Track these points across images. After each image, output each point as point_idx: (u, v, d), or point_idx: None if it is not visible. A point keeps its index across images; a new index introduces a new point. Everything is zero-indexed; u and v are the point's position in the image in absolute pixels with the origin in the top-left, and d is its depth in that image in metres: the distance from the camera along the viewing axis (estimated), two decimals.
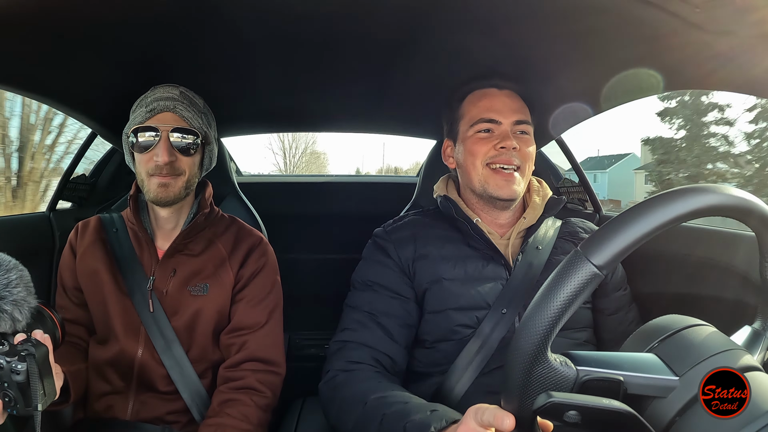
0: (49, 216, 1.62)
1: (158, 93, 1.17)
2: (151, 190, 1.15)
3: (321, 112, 1.85)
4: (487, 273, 1.10)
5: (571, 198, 1.79)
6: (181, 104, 1.16)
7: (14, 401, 0.81)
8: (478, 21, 1.06)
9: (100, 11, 0.97)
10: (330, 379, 1.04)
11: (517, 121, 1.14)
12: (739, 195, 0.57)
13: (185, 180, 1.18)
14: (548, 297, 0.53)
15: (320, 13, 1.04)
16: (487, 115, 1.15)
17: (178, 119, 1.15)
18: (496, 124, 1.14)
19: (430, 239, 1.16)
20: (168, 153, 1.13)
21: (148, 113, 1.14)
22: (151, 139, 1.13)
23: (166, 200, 1.16)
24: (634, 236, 0.53)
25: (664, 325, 0.62)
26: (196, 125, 1.17)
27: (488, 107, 1.16)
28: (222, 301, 1.21)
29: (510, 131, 1.13)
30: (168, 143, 1.13)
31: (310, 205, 2.22)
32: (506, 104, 1.15)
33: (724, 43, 0.81)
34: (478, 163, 1.14)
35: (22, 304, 0.84)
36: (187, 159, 1.17)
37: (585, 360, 0.57)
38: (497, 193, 1.12)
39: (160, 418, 1.16)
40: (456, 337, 1.07)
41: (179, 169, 1.16)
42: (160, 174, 1.14)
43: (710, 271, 1.16)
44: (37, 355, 0.81)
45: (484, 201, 1.17)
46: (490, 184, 1.13)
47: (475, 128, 1.16)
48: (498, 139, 1.13)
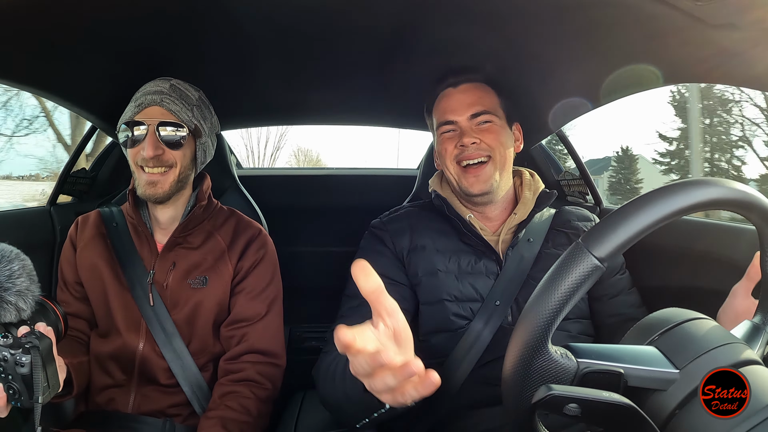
0: (50, 210, 1.61)
1: (148, 87, 1.17)
2: (141, 186, 1.16)
3: (320, 105, 1.85)
4: (479, 268, 1.12)
5: (571, 191, 1.79)
6: (169, 97, 1.16)
7: (18, 393, 0.82)
8: (478, 14, 1.05)
9: (100, 4, 0.97)
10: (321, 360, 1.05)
11: (473, 115, 1.16)
12: (740, 189, 0.57)
13: (176, 174, 1.17)
14: (549, 289, 0.53)
15: (320, 6, 1.03)
16: (444, 118, 1.18)
17: (165, 113, 1.15)
18: (454, 123, 1.17)
19: (426, 231, 1.17)
20: (154, 147, 1.13)
21: (136, 108, 1.14)
22: (140, 133, 1.14)
23: (155, 197, 1.16)
24: (635, 229, 0.53)
25: (664, 318, 0.62)
26: (185, 118, 1.17)
27: (445, 109, 1.19)
28: (221, 293, 1.21)
29: (469, 127, 1.15)
30: (154, 137, 1.13)
31: (311, 198, 2.22)
32: (460, 101, 1.17)
33: (727, 38, 0.80)
34: (448, 163, 1.17)
35: (26, 294, 0.84)
36: (176, 152, 1.16)
37: (585, 352, 0.57)
38: (470, 190, 1.14)
39: (162, 411, 1.17)
40: (451, 328, 1.08)
41: (168, 162, 1.16)
42: (147, 166, 1.14)
43: (710, 265, 1.16)
44: (41, 347, 0.82)
45: (464, 198, 1.19)
46: (462, 182, 1.15)
47: (440, 131, 1.19)
48: (459, 137, 1.15)
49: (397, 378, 0.53)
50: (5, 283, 0.83)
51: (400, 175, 2.40)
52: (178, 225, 1.22)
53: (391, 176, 2.45)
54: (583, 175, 1.74)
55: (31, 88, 1.28)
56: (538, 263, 1.11)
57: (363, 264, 0.54)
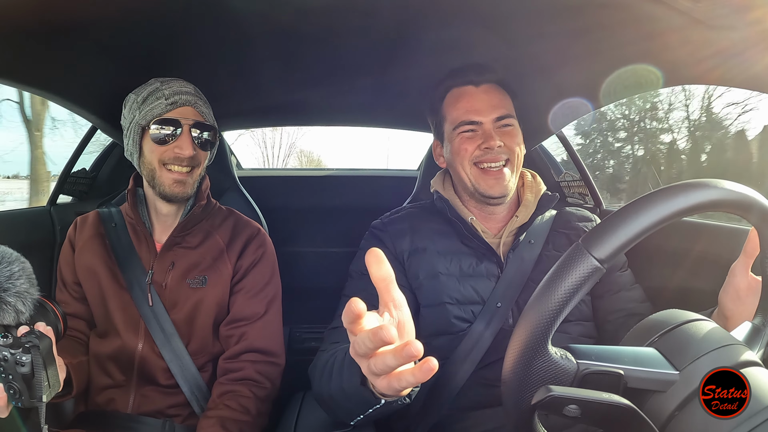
0: (50, 210, 1.62)
1: (175, 86, 1.17)
2: (165, 185, 1.16)
3: (321, 106, 1.85)
4: (480, 270, 1.11)
5: (571, 192, 1.79)
6: (200, 100, 1.19)
7: (19, 393, 0.82)
8: (479, 15, 1.05)
9: (100, 5, 0.97)
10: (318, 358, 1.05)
11: (499, 117, 1.13)
12: (739, 190, 0.57)
13: (198, 174, 1.20)
14: (549, 290, 0.54)
15: (321, 7, 1.03)
16: (467, 117, 1.14)
17: (197, 114, 1.17)
18: (478, 124, 1.13)
19: (427, 233, 1.16)
20: (192, 146, 1.15)
21: (168, 105, 1.14)
22: (170, 131, 1.14)
23: (183, 196, 1.18)
24: (635, 230, 0.53)
25: (663, 320, 0.62)
26: (211, 121, 1.20)
27: (467, 108, 1.14)
28: (221, 292, 1.21)
29: (492, 129, 1.12)
30: (190, 137, 1.15)
31: (310, 199, 2.22)
32: (485, 101, 1.14)
33: (725, 39, 0.80)
34: (465, 163, 1.14)
35: (25, 296, 0.84)
36: (204, 153, 1.20)
37: (585, 353, 0.57)
38: (489, 192, 1.12)
39: (161, 412, 1.17)
40: (452, 331, 1.08)
41: (196, 161, 1.18)
42: (177, 165, 1.15)
43: (710, 266, 1.16)
44: (42, 346, 0.82)
45: (476, 199, 1.17)
46: (481, 184, 1.13)
47: (458, 130, 1.15)
48: (482, 138, 1.12)
49: (397, 358, 0.53)
50: (5, 284, 0.83)
51: (400, 176, 2.41)
52: (177, 225, 1.22)
53: (391, 177, 2.45)
54: (583, 176, 1.74)
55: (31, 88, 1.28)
56: (539, 265, 1.11)
57: (377, 252, 0.54)
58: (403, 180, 2.15)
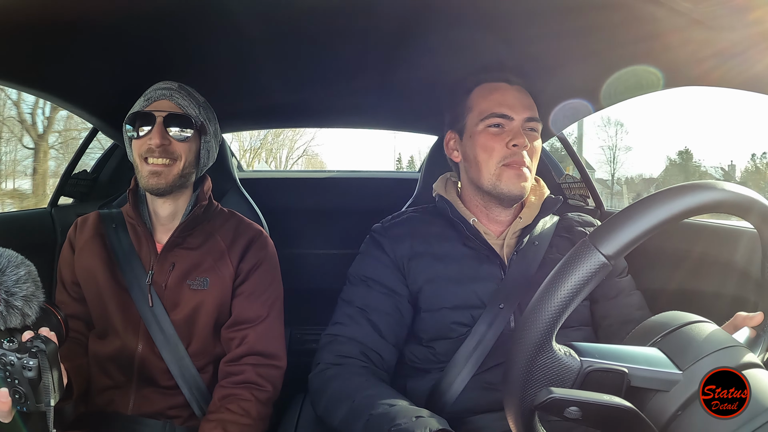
0: (51, 212, 1.62)
1: (157, 84, 1.19)
2: (143, 177, 1.15)
3: (322, 108, 1.85)
4: (482, 272, 1.10)
5: (572, 194, 1.79)
6: (178, 93, 1.18)
7: (24, 397, 0.81)
8: (481, 16, 1.05)
9: (101, 7, 0.97)
10: (320, 371, 1.05)
11: (529, 118, 1.11)
12: (741, 191, 0.57)
13: (180, 168, 1.17)
14: (555, 285, 0.54)
15: (321, 8, 1.03)
16: (499, 110, 1.10)
17: (174, 106, 1.16)
18: (508, 119, 1.10)
19: (427, 237, 1.15)
20: (161, 136, 1.13)
21: (145, 102, 1.16)
22: (147, 125, 1.14)
23: (158, 188, 1.15)
24: (642, 228, 0.53)
25: (665, 321, 0.62)
26: (192, 113, 1.18)
27: (500, 101, 1.11)
28: (222, 295, 1.21)
29: (521, 128, 1.10)
30: (161, 127, 1.14)
31: (311, 201, 2.22)
32: (518, 99, 1.12)
33: (725, 40, 0.81)
34: (492, 162, 1.10)
35: (31, 300, 0.84)
36: (182, 144, 1.17)
37: (589, 351, 0.57)
38: (509, 189, 1.09)
39: (162, 413, 1.17)
40: (452, 335, 1.07)
41: (173, 154, 1.16)
42: (152, 156, 1.14)
43: (710, 267, 1.16)
44: (48, 350, 0.82)
45: (490, 198, 1.14)
46: (503, 180, 1.09)
47: (486, 122, 1.11)
48: (510, 135, 1.09)
49: None
50: (12, 288, 0.82)
51: (402, 178, 2.41)
52: (178, 225, 1.22)
53: (392, 179, 2.45)
54: (584, 178, 1.74)
55: (33, 89, 1.29)
56: (542, 269, 1.09)
57: None
58: (404, 182, 2.15)
